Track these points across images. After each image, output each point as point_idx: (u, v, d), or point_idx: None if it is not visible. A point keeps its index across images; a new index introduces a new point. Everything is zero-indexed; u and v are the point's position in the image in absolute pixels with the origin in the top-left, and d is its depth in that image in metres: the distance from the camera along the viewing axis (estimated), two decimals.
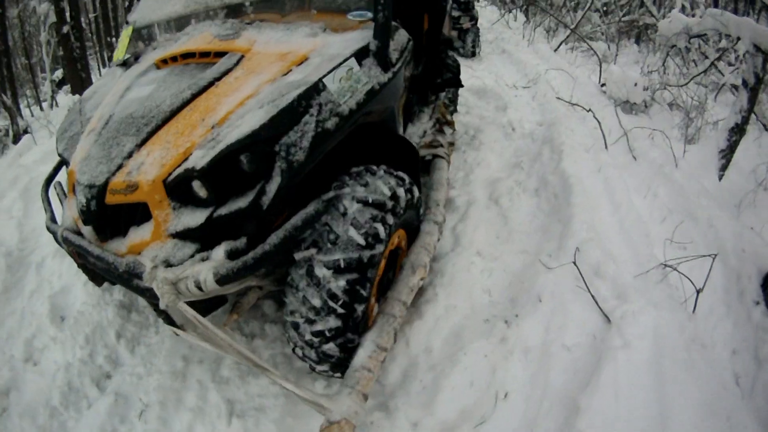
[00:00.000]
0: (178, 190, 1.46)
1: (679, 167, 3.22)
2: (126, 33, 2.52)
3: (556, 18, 7.72)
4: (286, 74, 1.66)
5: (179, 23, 2.50)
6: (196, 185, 1.45)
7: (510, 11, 10.57)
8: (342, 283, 1.50)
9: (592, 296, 2.04)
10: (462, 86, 3.66)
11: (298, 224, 1.45)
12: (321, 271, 1.50)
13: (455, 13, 6.96)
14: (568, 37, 7.19)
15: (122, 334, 2.26)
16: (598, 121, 3.76)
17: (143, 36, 2.59)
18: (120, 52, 2.46)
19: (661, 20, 4.58)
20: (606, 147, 3.58)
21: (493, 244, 2.77)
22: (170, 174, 1.44)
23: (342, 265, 1.49)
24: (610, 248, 2.37)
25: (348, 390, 1.49)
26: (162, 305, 1.42)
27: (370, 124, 1.92)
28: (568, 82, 5.18)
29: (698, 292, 2.04)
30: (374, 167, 1.79)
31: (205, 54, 1.88)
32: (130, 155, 1.52)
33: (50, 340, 2.24)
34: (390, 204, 1.66)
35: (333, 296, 1.50)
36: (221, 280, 1.37)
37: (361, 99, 1.70)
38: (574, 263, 2.17)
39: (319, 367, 1.74)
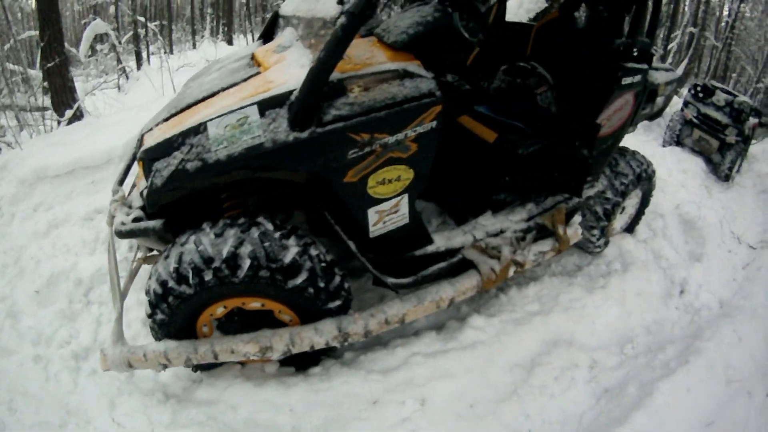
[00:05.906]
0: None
1: None
2: (272, 16, 2.74)
3: None
4: (234, 103, 1.63)
5: (289, 23, 2.49)
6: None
7: None
8: (154, 280, 1.73)
9: None
10: (580, 197, 2.55)
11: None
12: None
13: (723, 119, 4.95)
14: None
15: None
16: None
17: (280, 23, 2.74)
18: (264, 30, 2.71)
19: None
20: None
21: (456, 409, 2.02)
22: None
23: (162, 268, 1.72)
24: None
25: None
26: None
27: (288, 183, 1.84)
28: None
29: None
30: (265, 224, 1.72)
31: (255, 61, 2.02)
32: (157, 124, 1.92)
33: None
34: (218, 265, 1.62)
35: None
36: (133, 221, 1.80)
37: (235, 153, 1.55)
38: None
39: None
